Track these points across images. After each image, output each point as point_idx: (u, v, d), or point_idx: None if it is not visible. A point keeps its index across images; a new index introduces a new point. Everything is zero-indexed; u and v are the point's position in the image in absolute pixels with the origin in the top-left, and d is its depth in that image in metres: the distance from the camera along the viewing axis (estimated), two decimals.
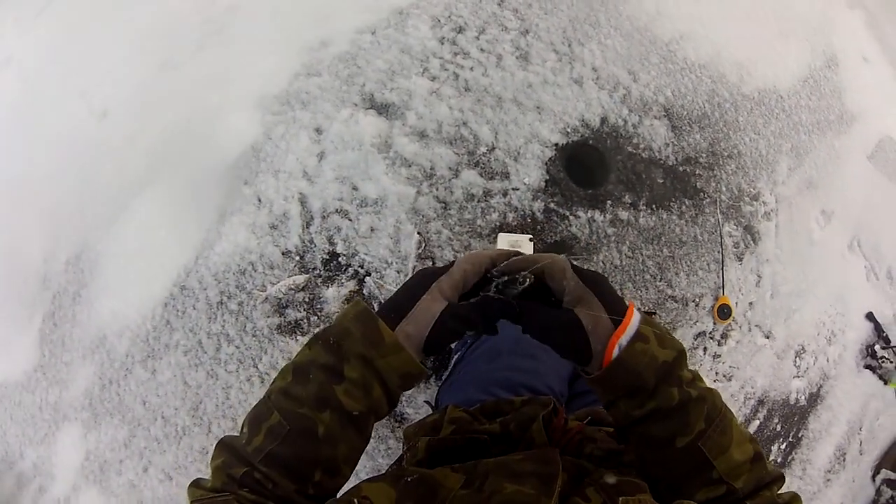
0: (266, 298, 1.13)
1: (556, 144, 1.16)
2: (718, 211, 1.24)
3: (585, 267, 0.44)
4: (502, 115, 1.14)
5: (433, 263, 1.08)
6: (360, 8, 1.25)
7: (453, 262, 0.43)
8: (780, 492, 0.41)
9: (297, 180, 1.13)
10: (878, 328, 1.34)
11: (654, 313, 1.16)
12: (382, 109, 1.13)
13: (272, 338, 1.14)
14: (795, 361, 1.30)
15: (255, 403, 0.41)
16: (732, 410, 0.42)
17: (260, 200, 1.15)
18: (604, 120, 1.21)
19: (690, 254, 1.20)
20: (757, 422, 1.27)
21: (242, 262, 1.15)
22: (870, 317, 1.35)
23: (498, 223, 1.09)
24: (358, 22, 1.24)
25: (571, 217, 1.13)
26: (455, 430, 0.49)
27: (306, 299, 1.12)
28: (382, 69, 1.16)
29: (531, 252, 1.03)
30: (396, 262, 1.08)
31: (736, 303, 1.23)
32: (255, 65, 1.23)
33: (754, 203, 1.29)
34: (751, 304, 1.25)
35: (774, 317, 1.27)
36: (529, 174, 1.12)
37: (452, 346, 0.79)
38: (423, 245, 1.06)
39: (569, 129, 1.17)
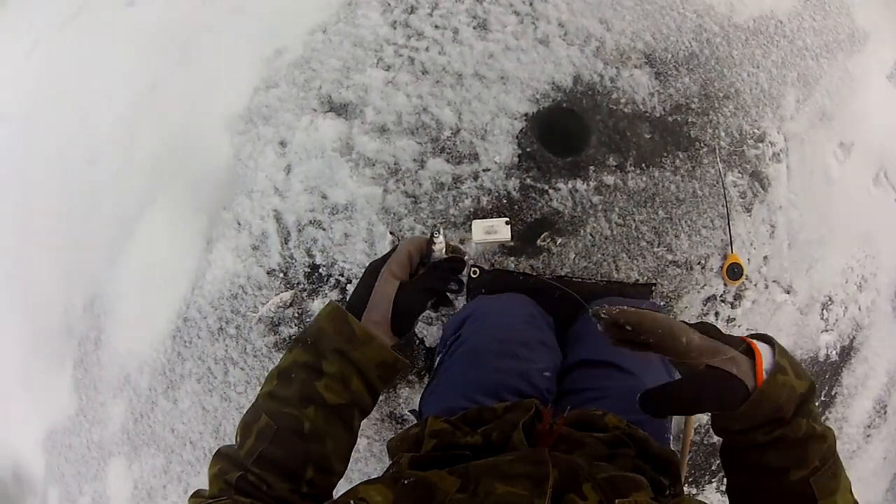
0: (259, 319, 1.15)
1: (526, 115, 1.08)
2: (719, 160, 1.10)
3: (572, 242, 0.48)
4: (464, 93, 1.07)
5: None
6: (311, 8, 1.22)
7: (395, 247, 0.46)
8: None
9: (270, 197, 1.13)
10: None
11: (655, 284, 1.06)
12: (340, 110, 1.10)
13: (271, 356, 1.16)
14: (822, 314, 1.16)
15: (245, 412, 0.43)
16: None
17: (239, 223, 1.17)
18: (577, 79, 1.11)
19: (691, 212, 1.08)
20: None
21: (233, 287, 1.17)
22: None
23: (472, 209, 1.04)
24: (309, 22, 1.20)
25: (551, 191, 1.05)
26: (437, 445, 0.49)
27: (296, 314, 1.13)
28: (337, 67, 1.12)
29: (508, 235, 0.97)
30: None
31: (748, 259, 1.10)
32: (218, 86, 1.23)
33: (760, 145, 1.14)
34: (765, 258, 1.11)
35: (794, 269, 1.13)
36: (500, 152, 1.05)
37: (438, 354, 0.76)
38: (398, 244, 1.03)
39: (538, 96, 1.09)
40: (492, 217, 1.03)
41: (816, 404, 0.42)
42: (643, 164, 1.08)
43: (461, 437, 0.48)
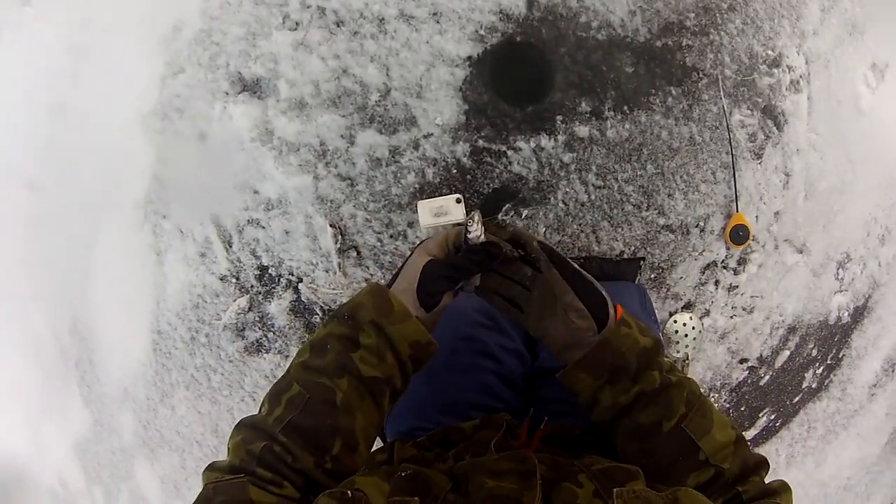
0: (224, 326, 1.12)
1: (470, 58, 0.88)
2: (722, 93, 0.88)
3: (541, 213, 0.57)
4: (389, 43, 0.89)
5: (357, 253, 0.95)
6: None
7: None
8: (767, 480, 0.41)
9: (203, 200, 1.04)
10: None
11: (644, 259, 0.92)
12: (253, 88, 0.95)
13: (245, 360, 1.15)
14: (838, 273, 1.01)
15: (274, 382, 0.43)
16: (754, 345, 0.40)
17: (182, 231, 1.10)
18: (532, 1, 0.88)
19: (687, 164, 0.89)
20: (787, 352, 1.03)
21: (192, 297, 1.14)
22: None
23: (417, 185, 0.90)
24: None
25: (510, 152, 0.88)
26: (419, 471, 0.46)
27: (256, 318, 1.09)
28: (241, 36, 0.96)
29: (461, 214, 0.84)
30: (322, 262, 0.97)
31: (756, 217, 0.93)
32: (125, 80, 1.10)
33: (774, 71, 0.90)
34: (777, 214, 0.93)
35: (810, 224, 0.95)
36: (441, 111, 0.89)
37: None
38: (341, 236, 0.93)
39: (482, 32, 0.88)
40: (441, 193, 0.90)
41: (666, 361, 0.43)
42: (625, 108, 0.88)
43: (433, 460, 0.47)
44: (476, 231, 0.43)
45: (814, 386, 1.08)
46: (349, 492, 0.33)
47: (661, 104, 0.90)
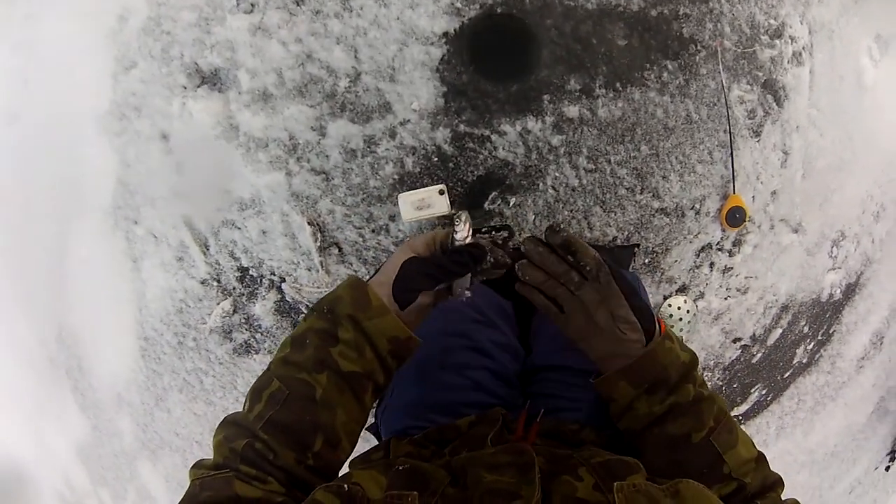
0: (211, 330, 1.10)
1: (446, 34, 0.82)
2: (721, 67, 0.82)
3: (530, 200, 0.62)
4: (356, 21, 0.82)
5: (339, 249, 0.92)
6: None
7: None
8: (783, 497, 0.42)
9: (173, 202, 0.99)
10: None
11: (638, 245, 0.88)
12: (212, 80, 0.88)
13: (234, 361, 1.14)
14: (832, 252, 1.00)
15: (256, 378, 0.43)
16: (748, 325, 0.41)
17: (155, 237, 1.06)
18: None
19: (683, 143, 0.84)
20: (779, 330, 1.02)
21: (175, 302, 1.11)
22: None
23: (396, 176, 0.86)
24: None
25: (494, 136, 0.83)
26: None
27: (242, 320, 1.07)
28: (192, 22, 0.88)
29: (446, 206, 0.81)
30: (303, 260, 0.94)
31: (753, 197, 0.89)
32: (75, 81, 1.02)
33: (776, 42, 0.84)
34: (774, 193, 0.90)
35: (806, 204, 0.92)
36: (417, 94, 0.83)
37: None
38: (320, 233, 0.89)
39: (458, 4, 0.81)
40: (423, 183, 0.85)
41: (699, 375, 0.45)
42: (617, 84, 0.82)
43: (430, 457, 0.47)
44: (463, 232, 0.43)
45: (804, 361, 1.09)
46: (346, 486, 0.33)
47: (655, 80, 0.84)
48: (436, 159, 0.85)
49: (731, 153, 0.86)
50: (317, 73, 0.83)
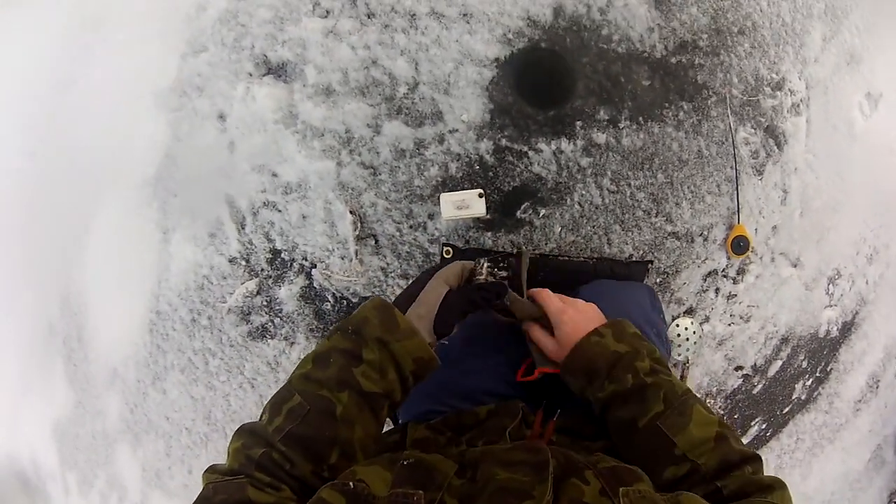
0: (229, 309, 1.13)
1: (497, 60, 0.93)
2: (729, 111, 0.96)
3: (557, 213, 0.76)
4: (419, 38, 0.93)
5: (375, 241, 0.98)
6: None
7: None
8: (761, 474, 0.43)
9: (218, 180, 1.05)
10: None
11: (651, 262, 0.98)
12: (279, 71, 0.98)
13: (247, 345, 1.16)
14: (828, 289, 1.10)
15: (275, 392, 0.45)
16: (749, 354, 0.46)
17: (192, 210, 1.11)
18: (558, 11, 0.94)
19: (694, 175, 0.96)
20: (779, 362, 1.11)
21: (197, 278, 1.15)
22: None
23: (440, 178, 0.94)
24: None
25: (531, 152, 0.94)
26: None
27: (264, 302, 1.11)
28: (268, 19, 0.98)
29: (483, 209, 0.89)
30: (338, 248, 1.00)
31: (755, 230, 1.00)
32: (141, 57, 1.11)
33: (777, 94, 0.98)
34: (774, 228, 1.01)
35: (804, 240, 1.03)
36: (467, 108, 0.93)
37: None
38: (360, 223, 0.96)
39: (510, 35, 0.93)
40: (463, 187, 0.94)
41: (645, 363, 0.49)
42: (640, 118, 0.94)
43: (445, 444, 0.49)
44: (482, 277, 0.53)
45: (803, 398, 1.16)
46: (351, 483, 0.34)
47: (673, 117, 0.96)
48: (477, 167, 0.94)
49: (737, 187, 0.98)
50: (379, 78, 0.93)
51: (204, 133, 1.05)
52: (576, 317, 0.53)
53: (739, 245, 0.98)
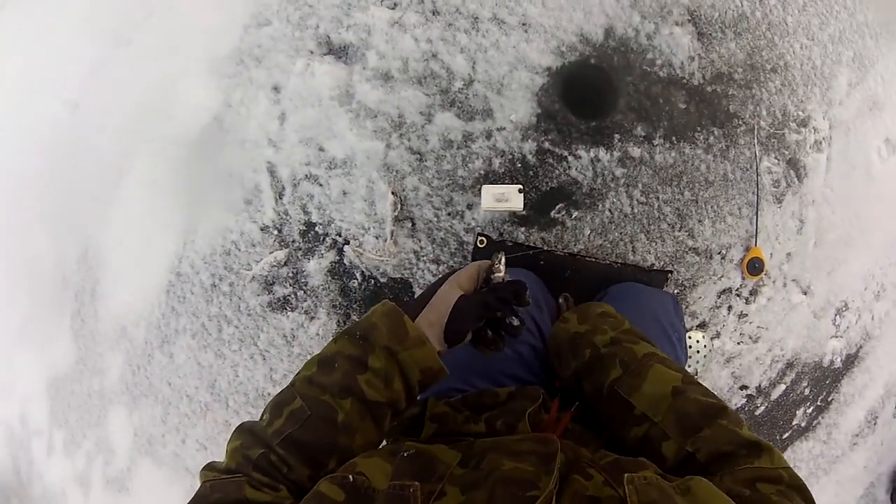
0: (253, 277, 1.15)
1: (549, 69, 1.00)
2: (756, 141, 1.04)
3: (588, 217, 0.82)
4: (480, 40, 1.00)
5: (412, 224, 1.02)
6: None
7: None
8: (738, 428, 0.42)
9: (263, 148, 1.09)
10: None
11: (671, 271, 1.04)
12: (340, 53, 1.03)
13: (265, 315, 1.18)
14: (835, 320, 1.16)
15: (266, 392, 0.45)
16: (755, 374, 0.50)
17: (230, 175, 1.14)
18: (609, 32, 1.02)
19: (718, 196, 1.04)
20: (783, 386, 1.16)
21: (225, 243, 1.17)
22: None
23: (483, 172, 1.00)
24: None
25: (570, 157, 1.00)
26: (438, 430, 0.50)
27: (290, 274, 1.13)
28: (336, 3, 1.04)
29: (520, 204, 0.94)
30: (374, 227, 1.04)
31: (770, 254, 1.07)
32: (203, 24, 1.16)
33: (802, 130, 1.07)
34: (788, 254, 1.09)
35: (816, 269, 1.11)
36: (517, 109, 0.99)
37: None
38: (400, 205, 1.00)
39: (563, 48, 1.00)
40: (503, 182, 0.99)
41: (604, 336, 0.53)
42: (673, 138, 1.02)
43: (463, 422, 0.49)
44: (501, 273, 0.48)
45: (803, 425, 1.20)
46: (350, 476, 0.34)
47: (703, 141, 1.04)
48: (519, 165, 1.00)
49: (757, 212, 1.06)
50: (437, 71, 0.99)
51: (256, 102, 1.09)
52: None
53: (755, 266, 1.05)
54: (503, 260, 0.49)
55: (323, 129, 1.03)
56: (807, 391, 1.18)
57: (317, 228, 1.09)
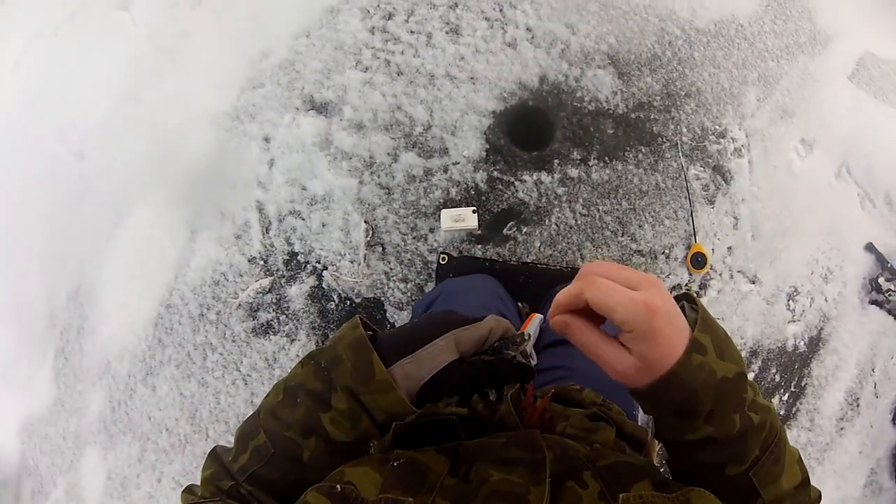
0: (239, 305, 1.27)
1: (494, 112, 1.23)
2: (681, 154, 1.24)
3: (537, 231, 0.59)
4: (436, 93, 1.23)
5: (383, 248, 1.18)
6: (295, 12, 1.39)
7: (483, 318, 0.42)
8: None
9: (253, 189, 1.27)
10: (880, 259, 1.28)
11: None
12: (321, 108, 1.25)
13: (249, 341, 1.28)
14: (789, 305, 1.27)
15: (246, 417, 0.43)
16: None
17: (223, 214, 1.30)
18: (542, 79, 1.27)
19: (654, 203, 1.22)
20: (751, 374, 1.24)
21: (215, 274, 1.30)
22: (870, 248, 1.29)
23: (441, 200, 1.18)
24: (293, 26, 1.37)
25: (517, 182, 1.19)
26: (421, 413, 0.47)
27: (274, 300, 1.25)
28: (319, 69, 1.28)
29: (475, 223, 1.11)
30: (349, 253, 1.19)
31: (712, 249, 1.22)
32: (206, 85, 1.39)
33: (721, 141, 1.28)
34: (729, 248, 1.24)
35: (759, 259, 1.25)
36: (468, 146, 1.20)
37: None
38: (371, 233, 1.17)
39: (505, 94, 1.24)
40: (459, 207, 1.17)
41: (750, 391, 0.37)
42: (606, 158, 1.23)
43: (444, 405, 0.49)
44: (512, 354, 0.41)
45: (782, 413, 1.25)
46: (338, 486, 0.33)
47: (633, 158, 1.25)
48: (473, 192, 1.18)
49: (692, 213, 1.22)
50: (402, 119, 1.20)
51: (249, 150, 1.28)
52: (670, 316, 0.34)
53: (698, 260, 1.19)
54: (531, 341, 0.41)
55: (306, 170, 1.22)
56: (777, 377, 1.25)
57: (299, 257, 1.23)
